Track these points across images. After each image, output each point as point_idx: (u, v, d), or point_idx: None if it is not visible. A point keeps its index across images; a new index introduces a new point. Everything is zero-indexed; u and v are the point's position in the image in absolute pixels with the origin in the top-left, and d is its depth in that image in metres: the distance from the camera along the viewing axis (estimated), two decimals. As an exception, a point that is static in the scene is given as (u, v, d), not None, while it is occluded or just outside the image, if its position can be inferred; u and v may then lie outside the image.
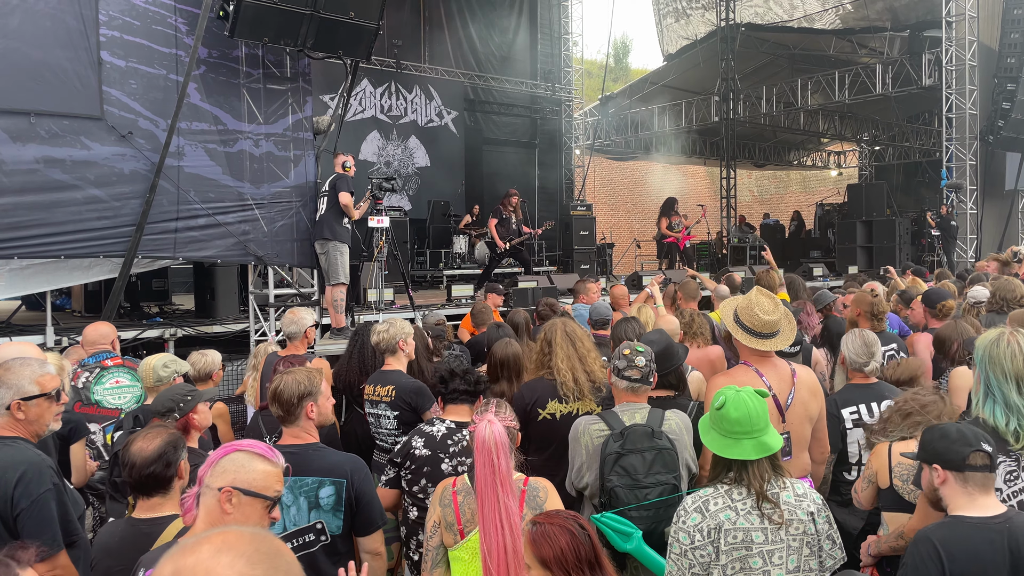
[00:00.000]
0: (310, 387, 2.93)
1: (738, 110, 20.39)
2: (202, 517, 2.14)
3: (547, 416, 3.68)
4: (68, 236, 6.68)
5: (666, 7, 22.94)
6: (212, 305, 8.98)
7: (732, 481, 2.42)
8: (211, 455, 2.21)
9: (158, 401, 3.46)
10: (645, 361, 3.15)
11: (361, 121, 16.27)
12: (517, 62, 18.89)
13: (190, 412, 3.42)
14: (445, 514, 2.65)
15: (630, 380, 3.13)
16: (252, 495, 2.13)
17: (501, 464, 1.94)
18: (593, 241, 15.25)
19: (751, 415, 2.41)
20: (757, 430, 2.41)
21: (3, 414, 2.79)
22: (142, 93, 7.06)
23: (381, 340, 4.34)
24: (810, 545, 2.40)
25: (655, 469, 2.90)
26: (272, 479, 2.19)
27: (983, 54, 15.52)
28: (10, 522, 2.60)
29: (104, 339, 4.68)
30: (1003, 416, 2.79)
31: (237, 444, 2.22)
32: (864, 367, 3.81)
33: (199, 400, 3.49)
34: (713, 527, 2.37)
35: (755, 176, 31.02)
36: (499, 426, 2.17)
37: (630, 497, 2.82)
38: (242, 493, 2.12)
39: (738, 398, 2.44)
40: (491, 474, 1.93)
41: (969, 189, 15.54)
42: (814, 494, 2.49)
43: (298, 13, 7.10)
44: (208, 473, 2.15)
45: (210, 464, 2.17)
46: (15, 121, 6.41)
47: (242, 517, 2.12)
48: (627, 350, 3.18)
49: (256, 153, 7.74)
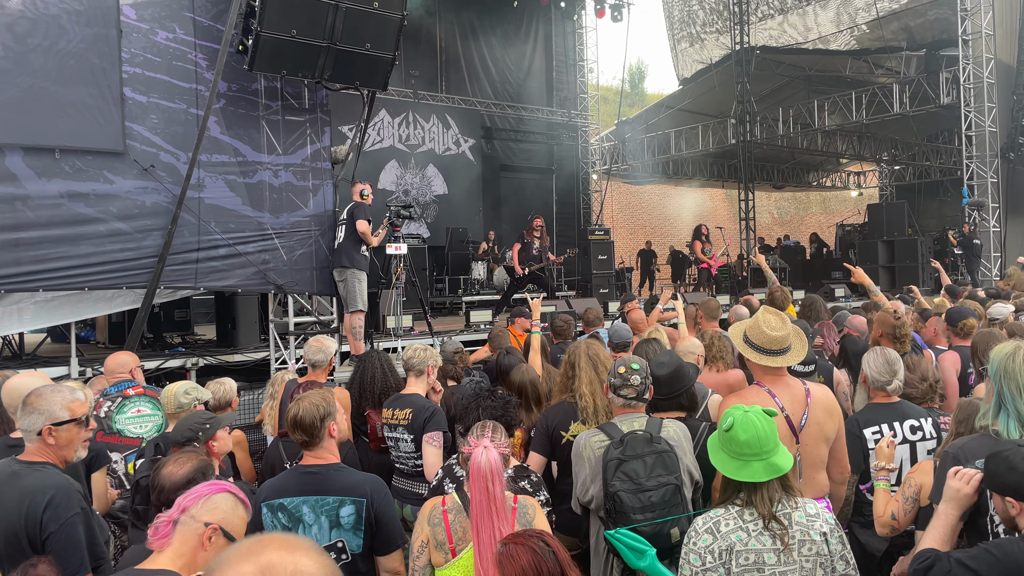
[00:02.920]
0: (328, 408, 3.02)
1: (755, 132, 20.39)
2: (175, 546, 2.17)
3: (570, 438, 3.71)
4: (92, 268, 6.80)
5: (680, 32, 23.09)
6: (233, 334, 9.07)
7: (743, 503, 2.42)
8: (198, 489, 2.25)
9: (177, 430, 3.49)
10: (640, 379, 3.20)
11: (380, 150, 16.46)
12: (533, 89, 19.07)
13: (209, 440, 3.45)
14: (435, 533, 2.66)
15: (625, 398, 3.20)
16: (229, 539, 2.19)
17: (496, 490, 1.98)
18: (612, 265, 15.28)
19: (760, 436, 2.40)
20: (766, 451, 2.40)
21: (34, 440, 2.85)
22: (163, 127, 7.21)
23: (415, 356, 4.39)
24: (823, 566, 2.38)
25: (656, 471, 2.92)
26: (243, 530, 2.27)
27: (1001, 71, 15.44)
28: (39, 545, 2.65)
29: (124, 368, 4.73)
30: (1017, 430, 2.74)
31: (225, 485, 2.28)
32: (887, 386, 3.74)
33: (218, 427, 3.51)
34: (724, 548, 2.35)
35: (774, 198, 30.93)
36: (494, 452, 2.21)
37: (634, 500, 2.84)
38: (223, 535, 2.18)
39: (746, 419, 2.43)
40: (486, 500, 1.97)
41: (991, 207, 15.40)
42: (827, 514, 2.47)
43: (315, 46, 7.24)
44: (196, 505, 2.19)
45: (198, 497, 2.21)
46: (41, 157, 6.57)
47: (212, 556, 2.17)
48: (622, 368, 3.22)
49: (275, 183, 7.87)
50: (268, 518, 2.96)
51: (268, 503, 2.97)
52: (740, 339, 3.35)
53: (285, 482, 3.03)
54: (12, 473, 2.77)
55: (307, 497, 2.93)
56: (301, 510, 2.93)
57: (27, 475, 2.75)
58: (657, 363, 3.56)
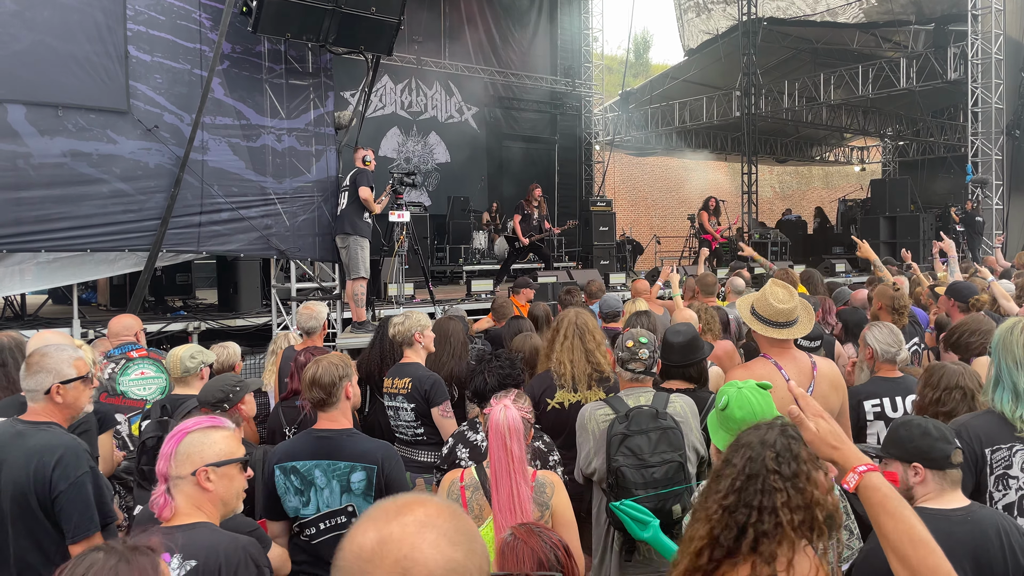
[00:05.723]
0: (345, 369, 3.09)
1: (760, 105, 20.24)
2: (183, 503, 2.19)
3: (556, 405, 3.78)
4: (94, 230, 6.77)
5: (687, 2, 22.79)
6: (235, 299, 9.07)
7: None
8: (162, 450, 2.24)
9: (207, 391, 3.49)
10: (648, 353, 3.20)
11: (382, 117, 16.32)
12: (537, 58, 18.86)
13: (239, 403, 3.47)
14: None
15: (633, 372, 3.20)
16: (225, 464, 2.22)
17: (515, 449, 1.94)
18: (613, 237, 15.25)
19: (756, 412, 2.38)
20: None
21: (41, 399, 2.86)
22: (167, 88, 7.14)
23: (397, 333, 4.39)
24: (829, 537, 2.40)
25: (660, 448, 2.92)
26: (233, 441, 2.29)
27: (1010, 47, 15.29)
28: (48, 504, 2.67)
29: (128, 331, 4.74)
30: (1011, 403, 2.82)
31: (184, 427, 2.27)
32: (896, 356, 3.80)
33: (247, 391, 3.55)
34: None
35: (777, 172, 30.79)
36: (514, 411, 2.19)
37: (636, 476, 2.85)
38: (215, 467, 2.20)
39: (740, 396, 2.39)
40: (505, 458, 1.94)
41: (995, 184, 15.34)
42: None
43: (320, 8, 7.15)
44: (171, 465, 2.20)
45: (167, 457, 2.21)
46: (43, 114, 6.49)
47: (224, 487, 2.22)
48: (630, 342, 3.21)
49: (278, 148, 7.81)
50: (281, 480, 2.98)
51: (280, 465, 2.99)
52: (747, 312, 3.35)
53: (298, 445, 3.06)
54: (17, 433, 2.77)
55: (319, 461, 2.96)
56: (313, 473, 2.96)
57: (33, 434, 2.76)
58: (674, 331, 3.57)
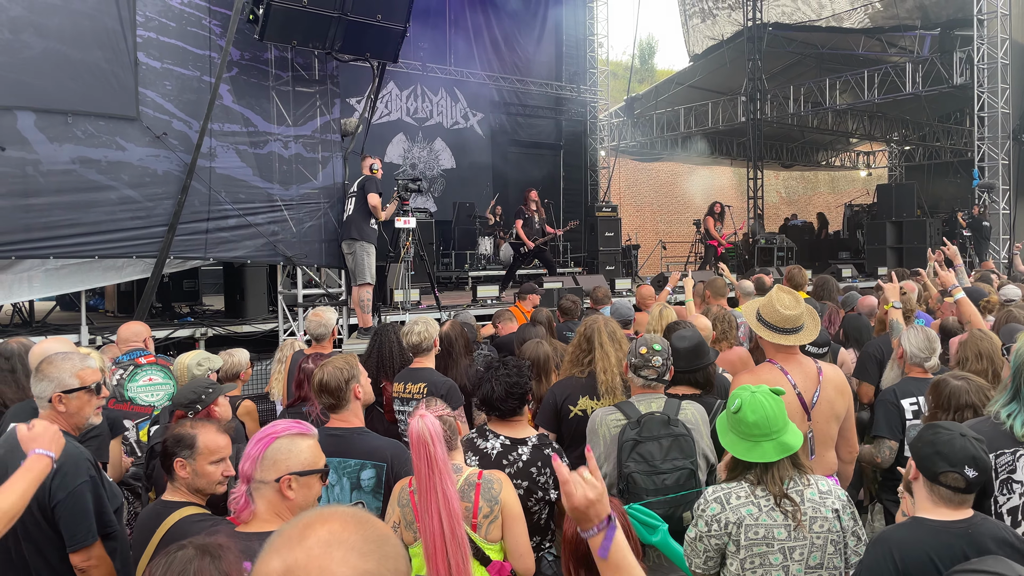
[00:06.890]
0: (352, 371, 3.11)
1: (765, 110, 20.24)
2: (264, 509, 2.18)
3: (578, 413, 3.70)
4: (102, 236, 6.80)
5: (692, 7, 22.82)
6: (241, 305, 9.09)
7: (754, 481, 2.43)
8: (248, 450, 2.22)
9: (181, 394, 3.53)
10: (661, 360, 3.20)
11: (387, 123, 16.36)
12: (542, 64, 18.88)
13: (211, 404, 3.48)
14: (404, 513, 2.69)
15: (646, 379, 3.21)
16: (308, 474, 2.21)
17: (437, 451, 1.95)
18: (618, 242, 15.23)
19: (768, 417, 2.40)
20: (776, 431, 2.41)
21: (45, 407, 2.87)
22: (176, 94, 7.17)
23: (422, 340, 4.39)
24: (835, 543, 2.40)
25: (672, 455, 2.93)
26: (317, 451, 2.27)
27: (1016, 52, 15.26)
28: (48, 512, 2.68)
29: (137, 337, 4.76)
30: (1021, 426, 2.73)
31: (273, 431, 2.25)
32: (925, 362, 3.85)
33: (219, 393, 3.56)
34: (733, 521, 2.37)
35: (783, 177, 30.75)
36: (431, 418, 2.21)
37: (647, 483, 2.86)
38: (299, 476, 2.18)
39: (754, 400, 2.42)
40: (426, 464, 1.95)
41: (1002, 189, 15.30)
42: (839, 491, 2.49)
43: (326, 16, 7.18)
44: (257, 468, 2.18)
45: (253, 460, 2.19)
46: (52, 121, 6.53)
47: (303, 496, 2.20)
48: (643, 348, 3.21)
49: (285, 155, 7.84)
50: None
51: None
52: (754, 317, 3.36)
53: None
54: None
55: (330, 458, 2.96)
56: None
57: None
58: (679, 336, 3.57)
